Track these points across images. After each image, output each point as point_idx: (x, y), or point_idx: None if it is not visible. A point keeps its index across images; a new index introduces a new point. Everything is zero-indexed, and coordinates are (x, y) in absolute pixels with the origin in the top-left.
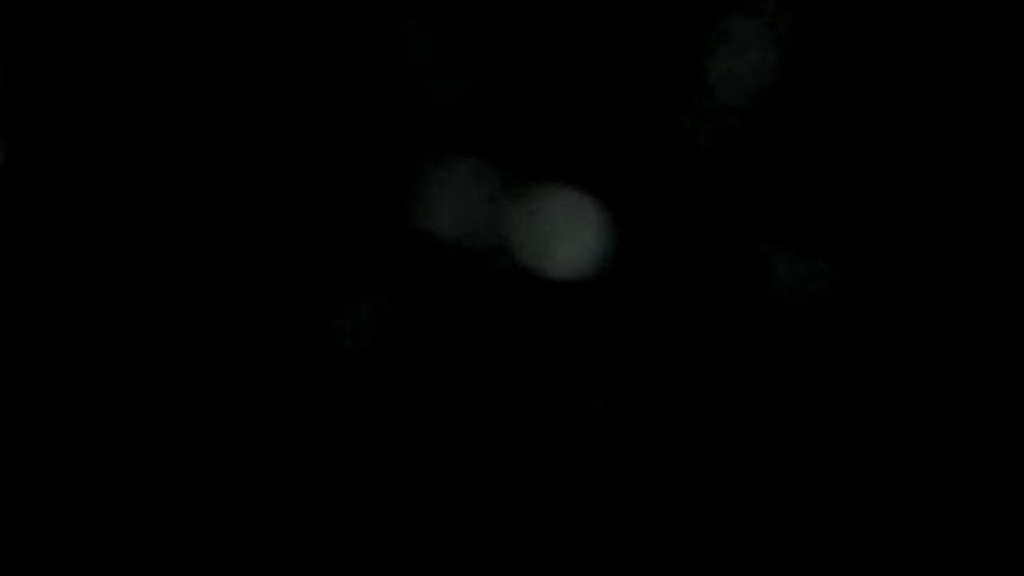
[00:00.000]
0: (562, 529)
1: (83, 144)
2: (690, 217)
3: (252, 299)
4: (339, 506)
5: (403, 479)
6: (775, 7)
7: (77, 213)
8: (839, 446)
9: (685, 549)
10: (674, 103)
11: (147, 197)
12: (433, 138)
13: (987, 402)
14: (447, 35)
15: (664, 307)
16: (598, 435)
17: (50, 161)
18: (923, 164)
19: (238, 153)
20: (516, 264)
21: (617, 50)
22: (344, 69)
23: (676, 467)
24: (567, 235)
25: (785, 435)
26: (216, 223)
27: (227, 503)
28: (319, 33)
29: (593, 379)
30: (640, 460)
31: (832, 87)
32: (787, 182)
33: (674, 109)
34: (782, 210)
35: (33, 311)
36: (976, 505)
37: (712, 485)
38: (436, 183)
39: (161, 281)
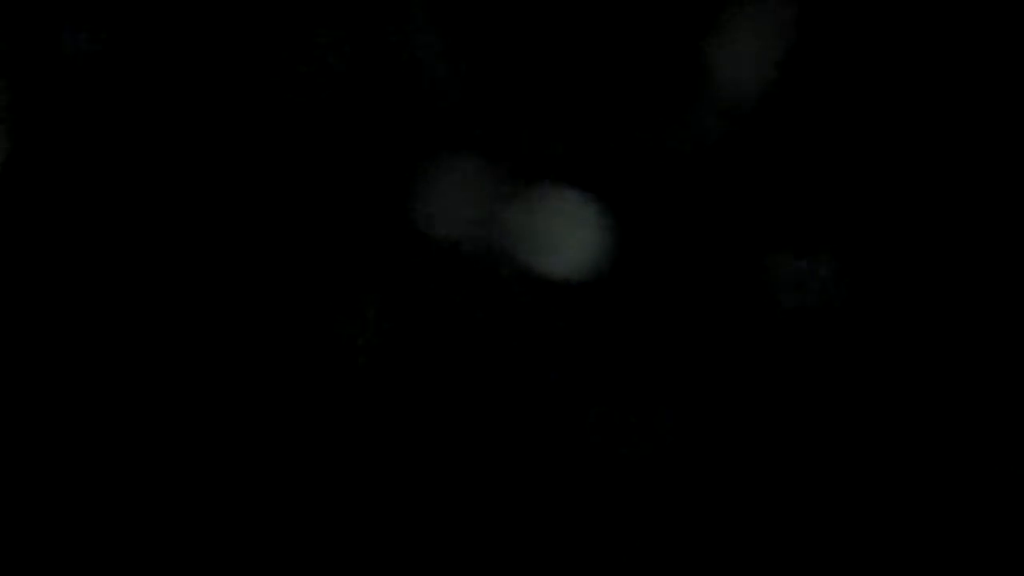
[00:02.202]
0: (562, 530)
1: (84, 144)
2: (691, 218)
3: (252, 299)
4: (340, 506)
5: (403, 480)
6: (776, 6)
7: (77, 213)
8: (839, 448)
9: (684, 550)
10: (675, 102)
11: (148, 197)
12: (433, 138)
13: (987, 402)
14: (448, 34)
15: (664, 308)
16: (598, 436)
17: (50, 161)
18: (924, 165)
19: (239, 153)
20: (516, 264)
21: (618, 49)
22: (344, 68)
23: (676, 469)
24: (567, 235)
25: (785, 437)
26: (217, 223)
27: (228, 503)
28: (319, 33)
29: (593, 380)
30: (640, 461)
31: (834, 87)
32: (788, 183)
33: (675, 108)
34: (783, 211)
35: (33, 311)
36: (976, 505)
37: (712, 487)
38: (436, 183)
39: (161, 281)
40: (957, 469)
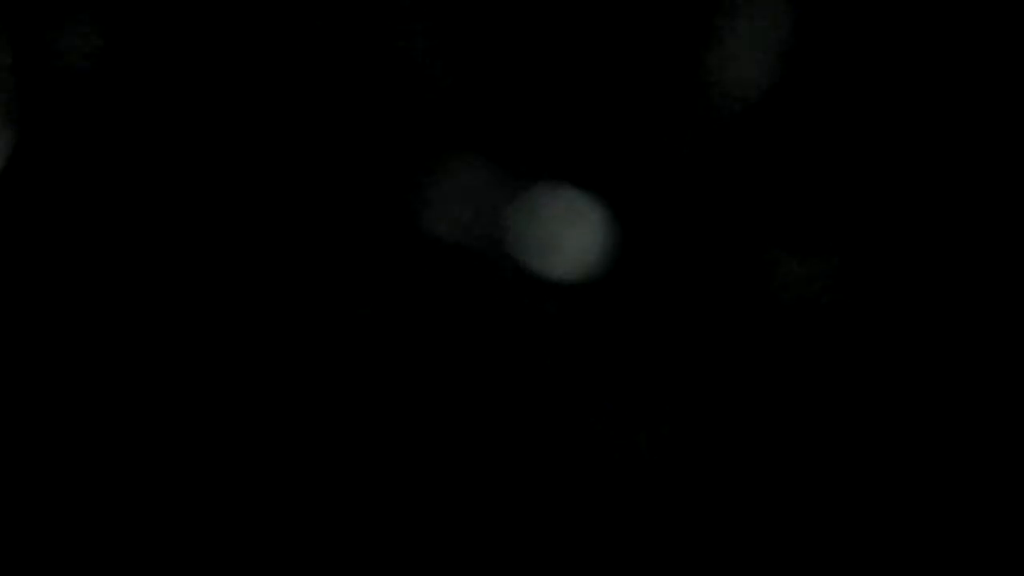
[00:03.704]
0: (562, 529)
1: (84, 144)
2: (691, 217)
3: (252, 299)
4: (340, 506)
5: (404, 480)
6: (775, 6)
7: (78, 213)
8: (840, 447)
9: (685, 550)
10: (674, 103)
11: (148, 197)
12: (433, 138)
13: (987, 402)
14: (448, 35)
15: (665, 308)
16: (598, 436)
17: (51, 161)
18: (924, 164)
19: (238, 153)
20: (516, 264)
21: (617, 50)
22: (345, 68)
23: (676, 468)
24: (567, 235)
25: (786, 436)
26: (217, 223)
27: (227, 503)
28: (320, 32)
29: (593, 380)
30: (640, 461)
31: (833, 86)
32: (788, 182)
33: (674, 109)
34: (783, 210)
35: (33, 311)
36: (976, 505)
37: (712, 487)
38: (436, 183)
39: (162, 281)
40: (957, 467)
